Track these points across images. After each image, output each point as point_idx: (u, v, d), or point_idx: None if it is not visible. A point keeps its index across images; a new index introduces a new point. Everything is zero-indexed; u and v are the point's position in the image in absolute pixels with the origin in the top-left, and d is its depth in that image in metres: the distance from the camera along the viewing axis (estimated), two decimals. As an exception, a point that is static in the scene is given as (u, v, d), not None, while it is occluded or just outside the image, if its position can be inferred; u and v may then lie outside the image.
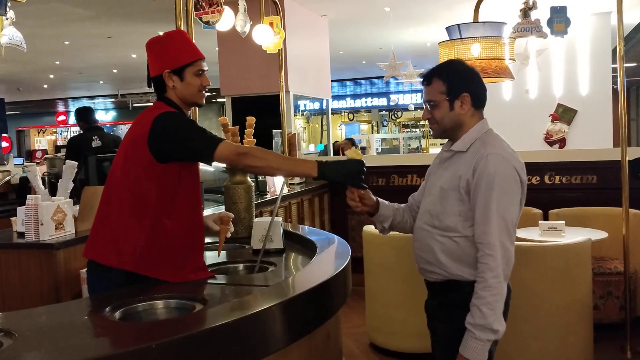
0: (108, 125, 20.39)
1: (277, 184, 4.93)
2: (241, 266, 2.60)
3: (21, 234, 2.88)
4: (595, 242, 3.91)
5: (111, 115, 22.52)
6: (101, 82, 16.84)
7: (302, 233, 2.97)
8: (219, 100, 17.57)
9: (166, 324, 1.78)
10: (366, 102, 18.46)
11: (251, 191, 3.08)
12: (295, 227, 3.27)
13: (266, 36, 5.13)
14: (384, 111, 19.82)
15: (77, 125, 6.18)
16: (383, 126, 20.27)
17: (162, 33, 2.30)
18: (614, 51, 5.53)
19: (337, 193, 5.87)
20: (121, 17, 8.01)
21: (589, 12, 8.00)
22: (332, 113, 12.11)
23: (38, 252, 2.74)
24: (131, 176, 2.12)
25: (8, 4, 3.43)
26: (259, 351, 1.69)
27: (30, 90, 17.20)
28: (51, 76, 14.70)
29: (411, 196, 2.37)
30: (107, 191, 2.20)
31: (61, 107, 21.49)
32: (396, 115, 19.45)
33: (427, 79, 2.14)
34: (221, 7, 4.02)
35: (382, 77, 9.71)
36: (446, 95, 2.08)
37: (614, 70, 7.24)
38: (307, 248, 2.69)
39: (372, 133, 18.26)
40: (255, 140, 3.16)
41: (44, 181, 3.09)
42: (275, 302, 1.79)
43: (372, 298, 4.15)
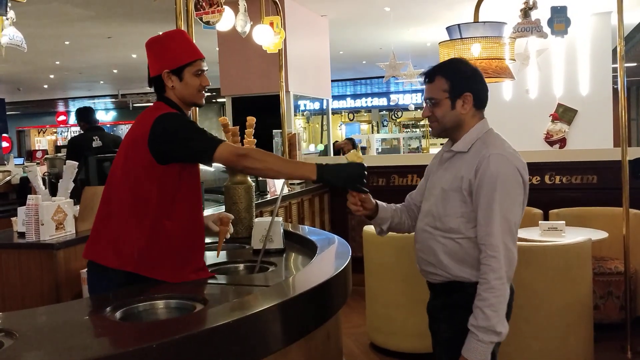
0: (108, 125, 20.39)
1: (277, 184, 4.93)
2: (241, 266, 2.60)
3: (22, 234, 2.89)
4: (595, 242, 3.91)
5: (111, 115, 22.50)
6: (101, 82, 16.84)
7: (303, 233, 2.97)
8: (219, 100, 17.56)
9: (167, 324, 1.78)
10: (366, 102, 18.44)
11: (251, 191, 3.08)
12: (295, 227, 3.27)
13: (266, 36, 5.14)
14: (384, 111, 19.80)
15: (78, 125, 6.18)
16: (383, 126, 20.25)
17: (162, 33, 2.29)
18: (615, 51, 5.54)
19: (337, 193, 5.87)
20: (121, 17, 8.01)
21: (589, 12, 8.00)
22: (333, 113, 12.10)
23: (38, 252, 2.74)
24: (131, 177, 2.12)
25: (8, 4, 3.43)
26: (259, 351, 1.69)
27: (30, 90, 17.20)
28: (51, 76, 14.70)
29: (409, 195, 2.35)
30: (107, 192, 2.20)
31: (61, 107, 21.48)
32: (396, 115, 19.43)
33: (430, 76, 2.11)
34: (221, 7, 4.02)
35: (382, 77, 9.71)
36: (448, 93, 2.06)
37: (614, 70, 7.25)
38: (308, 248, 2.69)
39: (372, 133, 18.23)
40: (255, 140, 3.16)
41: (45, 181, 3.09)
42: (275, 302, 1.79)
43: (372, 298, 4.15)
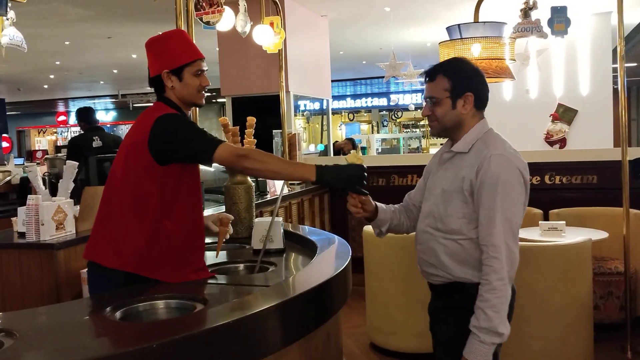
0: (108, 125, 20.40)
1: (278, 185, 4.93)
2: (241, 266, 2.60)
3: (22, 234, 2.89)
4: (595, 242, 3.91)
5: (111, 115, 22.50)
6: (101, 83, 16.83)
7: (303, 233, 2.97)
8: (219, 100, 17.56)
9: (167, 324, 1.79)
10: (366, 102, 18.43)
11: (251, 191, 3.08)
12: (295, 227, 3.27)
13: (266, 36, 5.14)
14: (384, 111, 19.78)
15: (78, 125, 6.18)
16: (383, 126, 20.24)
17: (162, 33, 2.29)
18: (615, 51, 5.54)
19: (338, 193, 5.87)
20: (121, 18, 8.01)
21: (590, 12, 7.99)
22: (333, 113, 12.10)
23: (39, 252, 2.74)
24: (132, 177, 2.12)
25: (8, 5, 3.43)
26: (259, 351, 1.69)
27: (30, 90, 17.19)
28: (51, 76, 14.70)
29: (407, 195, 2.33)
30: (107, 192, 2.19)
31: (61, 108, 21.48)
32: (396, 115, 19.43)
33: (431, 75, 2.09)
34: (221, 8, 4.02)
35: (383, 77, 9.71)
36: (449, 92, 2.04)
37: (615, 70, 7.23)
38: (308, 248, 2.69)
39: (372, 133, 18.22)
40: (255, 140, 3.16)
41: (45, 181, 3.09)
42: (275, 302, 1.79)
43: (373, 298, 4.15)
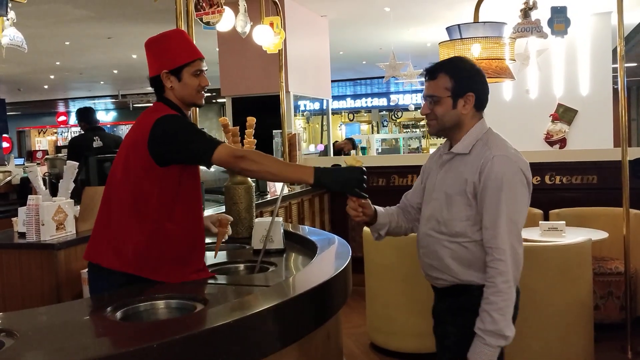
0: (108, 125, 20.40)
1: (278, 185, 4.93)
2: (242, 266, 2.60)
3: (22, 234, 2.88)
4: (595, 242, 3.91)
5: (112, 115, 22.51)
6: (102, 83, 16.83)
7: (303, 233, 2.97)
8: (219, 100, 17.56)
9: (167, 324, 1.78)
10: (366, 103, 18.43)
11: (252, 191, 3.09)
12: (295, 228, 3.27)
13: (266, 36, 5.14)
14: (384, 111, 19.78)
15: (78, 125, 6.18)
16: (383, 126, 20.24)
17: (161, 33, 2.28)
18: (615, 51, 5.54)
19: (338, 194, 5.84)
20: (122, 18, 8.01)
21: (590, 12, 7.99)
22: (332, 113, 12.10)
23: (39, 253, 2.74)
24: (132, 178, 2.12)
25: (9, 5, 3.43)
26: (259, 351, 1.69)
27: (30, 90, 17.20)
28: (52, 77, 14.70)
29: (404, 196, 2.32)
30: (108, 192, 2.19)
31: (62, 108, 21.48)
32: (396, 115, 19.43)
33: (432, 73, 2.06)
34: (221, 8, 4.02)
35: (382, 78, 9.69)
36: (451, 92, 2.02)
37: (615, 70, 7.23)
38: (308, 248, 2.69)
39: (372, 133, 18.23)
40: (255, 140, 3.16)
41: (45, 181, 3.09)
42: (275, 303, 1.78)
43: (373, 298, 4.15)
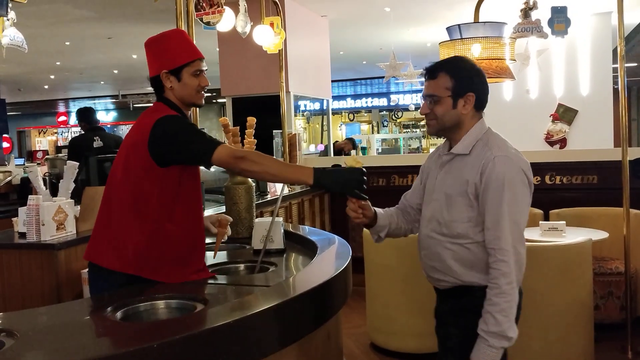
0: (109, 125, 20.40)
1: (278, 185, 4.93)
2: (242, 266, 2.60)
3: (22, 235, 2.89)
4: (595, 242, 3.91)
5: (112, 115, 22.51)
6: (102, 83, 16.84)
7: (303, 233, 2.97)
8: (220, 100, 17.56)
9: (167, 324, 1.79)
10: (366, 103, 18.44)
11: (252, 191, 3.09)
12: (295, 228, 3.27)
13: (267, 36, 5.14)
14: (385, 111, 19.79)
15: (79, 125, 6.18)
16: (383, 126, 20.24)
17: (161, 32, 2.28)
18: (615, 51, 5.54)
19: (337, 194, 5.87)
20: (122, 18, 8.01)
21: (590, 12, 7.99)
22: (333, 113, 12.10)
23: (39, 253, 2.74)
24: (132, 178, 2.12)
25: (9, 5, 3.44)
26: (260, 351, 1.69)
27: (31, 90, 17.20)
28: (52, 77, 14.70)
29: (403, 196, 2.31)
30: (108, 192, 2.19)
31: (62, 108, 21.49)
32: (396, 115, 19.43)
33: (432, 72, 2.04)
34: (222, 8, 4.02)
35: (383, 78, 9.69)
36: (451, 92, 2.00)
37: (615, 70, 7.22)
38: (308, 248, 2.69)
39: (373, 133, 18.23)
40: (255, 140, 3.16)
41: (45, 182, 3.09)
42: (275, 303, 1.79)
43: (373, 298, 4.15)
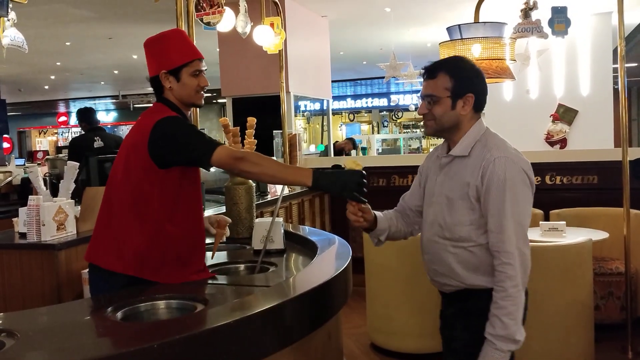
0: (109, 126, 20.40)
1: (278, 185, 4.93)
2: (242, 267, 2.60)
3: (23, 235, 2.89)
4: (596, 243, 3.91)
5: (112, 116, 22.51)
6: (102, 83, 16.84)
7: (303, 233, 2.97)
8: (220, 100, 17.57)
9: (167, 324, 1.79)
10: (367, 103, 18.45)
11: (252, 192, 3.09)
12: (295, 228, 3.27)
13: (267, 37, 5.14)
14: (385, 112, 19.79)
15: (79, 126, 6.18)
16: (383, 127, 20.23)
17: (160, 32, 2.27)
18: (615, 51, 5.53)
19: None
20: (122, 18, 8.02)
21: (590, 12, 7.99)
22: (333, 113, 12.11)
23: (40, 253, 2.74)
24: (132, 178, 2.12)
25: (9, 5, 3.44)
26: (260, 351, 1.69)
27: (31, 91, 17.21)
28: (52, 77, 14.71)
29: (402, 198, 2.29)
30: (108, 192, 2.19)
31: (62, 108, 21.49)
32: (397, 115, 19.43)
33: (431, 72, 2.01)
34: (222, 8, 4.02)
35: (383, 78, 9.69)
36: (450, 92, 1.98)
37: (615, 70, 7.22)
38: (308, 248, 2.69)
39: (373, 133, 18.22)
40: (256, 141, 3.16)
41: (46, 182, 3.09)
42: (276, 303, 1.79)
43: (373, 298, 4.15)
